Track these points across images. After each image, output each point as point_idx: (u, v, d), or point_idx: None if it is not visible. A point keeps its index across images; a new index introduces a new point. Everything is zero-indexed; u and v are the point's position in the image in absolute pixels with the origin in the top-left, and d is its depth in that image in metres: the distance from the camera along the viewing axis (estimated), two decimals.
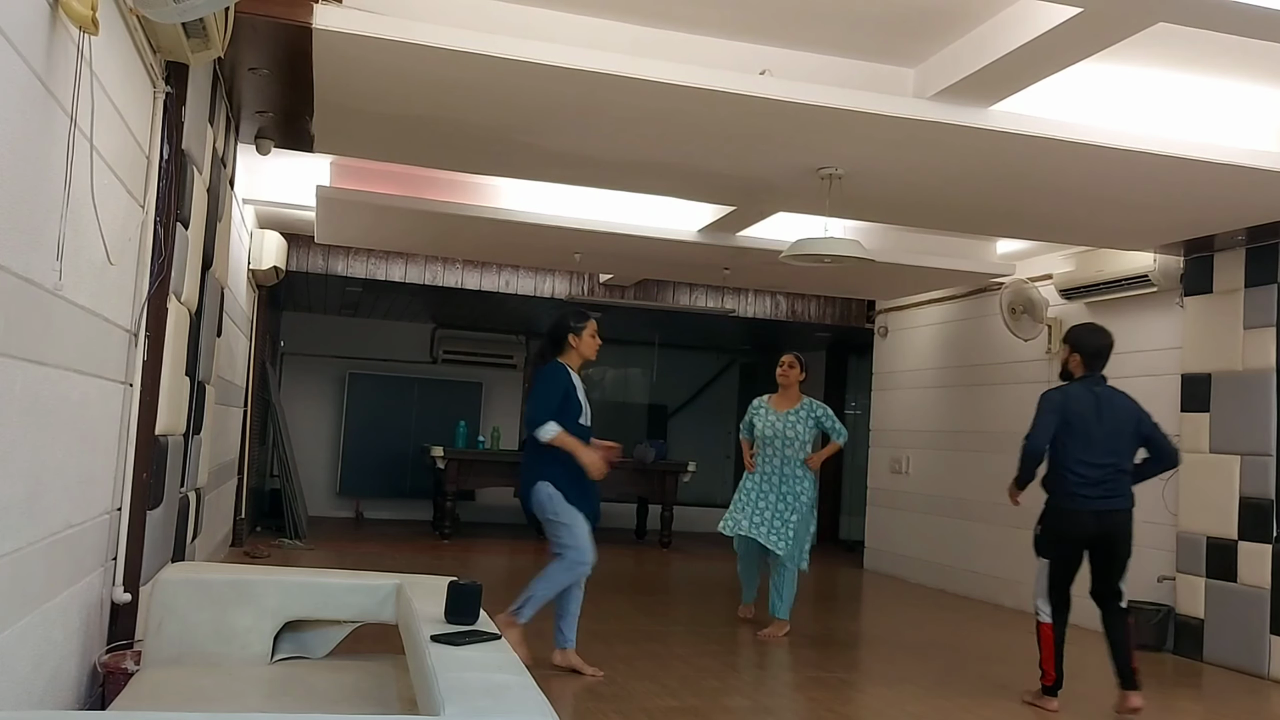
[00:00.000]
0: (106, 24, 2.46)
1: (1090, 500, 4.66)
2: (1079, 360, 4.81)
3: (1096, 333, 4.87)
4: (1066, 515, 4.72)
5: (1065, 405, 4.71)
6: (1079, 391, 4.75)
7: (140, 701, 2.57)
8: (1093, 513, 4.67)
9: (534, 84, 4.23)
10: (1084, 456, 4.65)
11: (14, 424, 2.09)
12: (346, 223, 7.33)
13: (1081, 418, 4.68)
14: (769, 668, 5.52)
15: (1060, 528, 4.76)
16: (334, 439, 12.20)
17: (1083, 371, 4.80)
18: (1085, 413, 4.69)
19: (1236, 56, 4.28)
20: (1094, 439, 4.66)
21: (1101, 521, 4.68)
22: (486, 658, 2.31)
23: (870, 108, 4.34)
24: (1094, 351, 4.80)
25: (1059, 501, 4.74)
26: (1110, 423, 4.69)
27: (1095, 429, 4.67)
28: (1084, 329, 4.93)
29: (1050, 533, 4.80)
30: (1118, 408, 4.74)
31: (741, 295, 9.96)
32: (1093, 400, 4.71)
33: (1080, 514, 4.68)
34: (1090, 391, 4.74)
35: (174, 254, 3.45)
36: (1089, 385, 4.77)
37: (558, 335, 4.98)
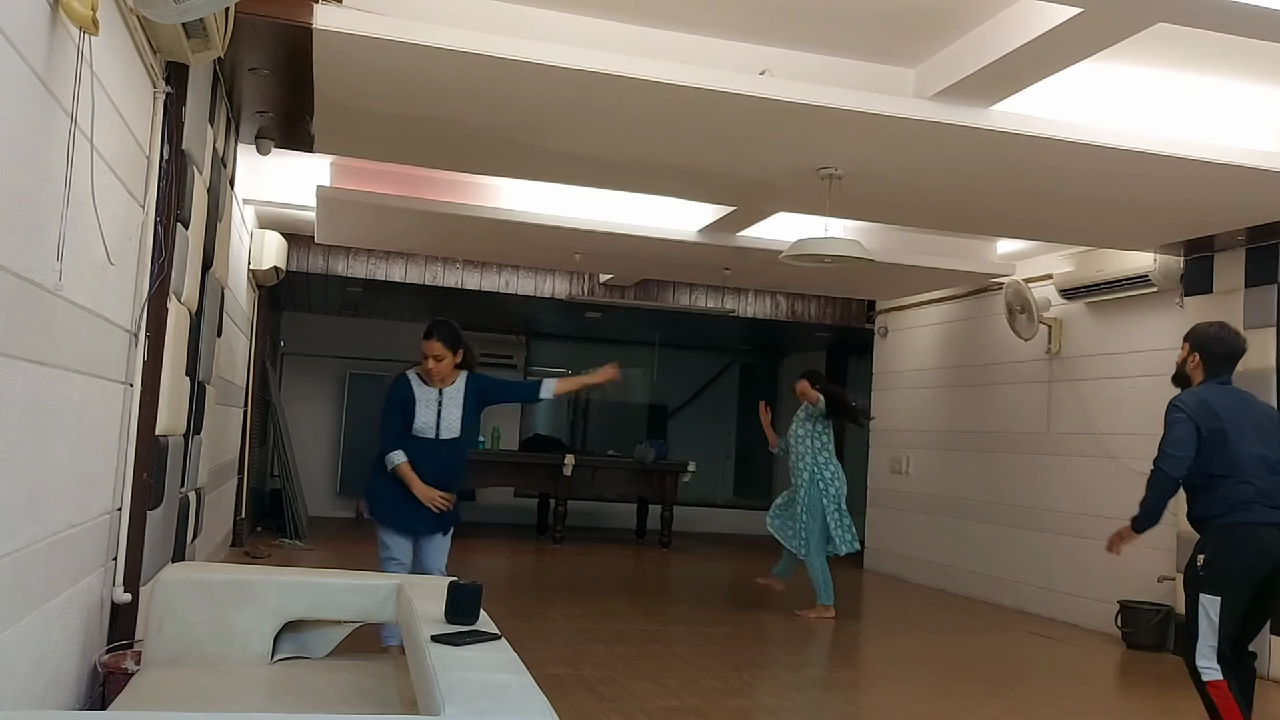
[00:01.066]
0: (106, 24, 2.46)
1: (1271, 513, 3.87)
2: (1200, 363, 4.11)
3: (1228, 333, 4.15)
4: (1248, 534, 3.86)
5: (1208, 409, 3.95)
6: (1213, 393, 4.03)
7: (140, 701, 2.57)
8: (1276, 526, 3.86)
9: (534, 84, 4.23)
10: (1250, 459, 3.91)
11: (14, 424, 2.10)
12: (346, 223, 7.33)
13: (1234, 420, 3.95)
14: (769, 667, 5.52)
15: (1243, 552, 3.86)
16: (334, 439, 12.20)
17: (1203, 376, 4.09)
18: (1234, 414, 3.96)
19: (1236, 56, 4.28)
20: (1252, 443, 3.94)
21: None
22: (487, 658, 2.31)
23: (870, 108, 4.34)
24: (1223, 355, 4.11)
25: (1229, 519, 3.90)
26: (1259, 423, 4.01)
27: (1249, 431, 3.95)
28: (1214, 328, 4.21)
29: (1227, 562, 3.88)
30: (1258, 408, 4.10)
31: (741, 295, 9.96)
32: (1234, 400, 4.02)
33: (1267, 530, 3.85)
34: (1225, 391, 4.04)
35: (174, 254, 3.45)
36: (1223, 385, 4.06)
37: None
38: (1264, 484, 3.88)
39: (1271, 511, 3.86)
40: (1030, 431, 7.92)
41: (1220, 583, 3.84)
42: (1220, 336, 4.12)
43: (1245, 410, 4.01)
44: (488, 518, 12.20)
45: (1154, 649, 6.45)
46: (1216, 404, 3.95)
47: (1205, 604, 3.85)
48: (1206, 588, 3.86)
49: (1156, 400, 6.75)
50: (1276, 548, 3.84)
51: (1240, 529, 3.86)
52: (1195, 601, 3.88)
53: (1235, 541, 3.86)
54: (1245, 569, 3.84)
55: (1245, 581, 3.84)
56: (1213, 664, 3.84)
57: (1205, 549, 3.94)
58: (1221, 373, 4.06)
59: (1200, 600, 3.86)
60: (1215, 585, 3.85)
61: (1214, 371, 4.07)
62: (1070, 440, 7.54)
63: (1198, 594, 3.88)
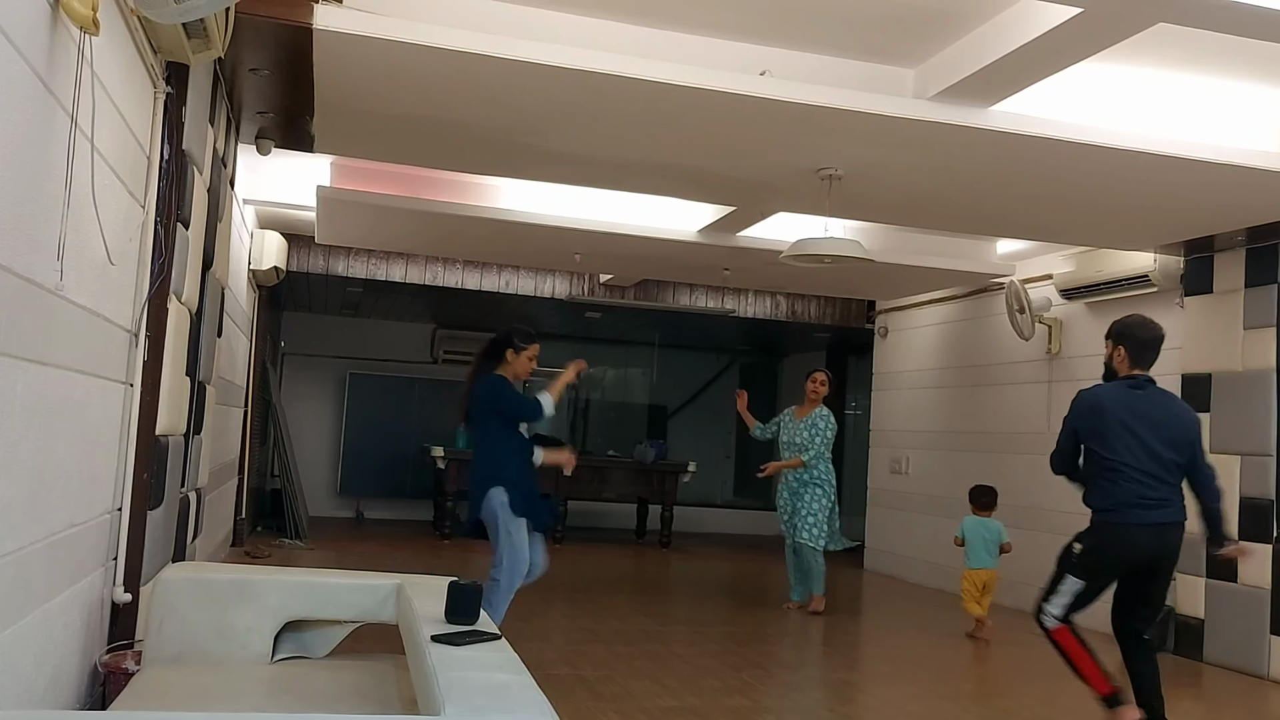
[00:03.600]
0: (107, 24, 2.46)
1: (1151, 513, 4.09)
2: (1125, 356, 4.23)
3: (1146, 325, 4.27)
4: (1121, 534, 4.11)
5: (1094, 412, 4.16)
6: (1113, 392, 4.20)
7: (141, 701, 2.57)
8: (1152, 527, 4.08)
9: (534, 84, 4.23)
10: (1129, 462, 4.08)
11: (15, 424, 2.10)
12: (347, 223, 7.34)
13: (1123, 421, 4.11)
14: (769, 668, 5.52)
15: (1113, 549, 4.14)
16: (334, 439, 12.20)
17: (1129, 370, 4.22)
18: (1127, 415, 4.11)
19: (1236, 56, 4.28)
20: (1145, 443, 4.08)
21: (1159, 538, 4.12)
22: (487, 658, 2.31)
23: (870, 108, 4.34)
24: (1146, 343, 4.22)
25: (1109, 517, 4.14)
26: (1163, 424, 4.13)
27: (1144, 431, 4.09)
28: (1133, 321, 4.32)
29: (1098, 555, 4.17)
30: (1171, 410, 4.20)
31: (741, 295, 9.96)
32: (1135, 399, 4.15)
33: (1140, 531, 4.08)
34: (1130, 390, 4.18)
35: (174, 254, 3.45)
36: (1131, 384, 4.20)
37: (499, 345, 4.99)
38: (1150, 485, 4.06)
39: (1150, 513, 4.07)
40: (1030, 431, 7.92)
41: (1088, 572, 4.15)
42: (1140, 326, 4.27)
43: (1154, 412, 4.12)
44: None
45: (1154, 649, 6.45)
46: (1112, 404, 4.12)
47: (1068, 581, 4.18)
48: (1075, 571, 4.17)
49: None
50: (1148, 547, 4.09)
51: (1117, 529, 4.10)
52: (1061, 576, 4.20)
53: (1110, 540, 4.13)
54: (1115, 565, 4.16)
55: (1112, 575, 4.17)
56: (1054, 618, 4.17)
57: (1084, 540, 4.20)
58: (1145, 361, 4.21)
59: (1066, 578, 4.19)
60: (1083, 572, 4.16)
61: (1139, 361, 4.21)
62: None
63: (1065, 572, 4.20)
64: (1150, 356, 4.23)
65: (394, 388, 12.24)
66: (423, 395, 12.37)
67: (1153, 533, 4.09)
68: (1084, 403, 4.22)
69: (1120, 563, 4.16)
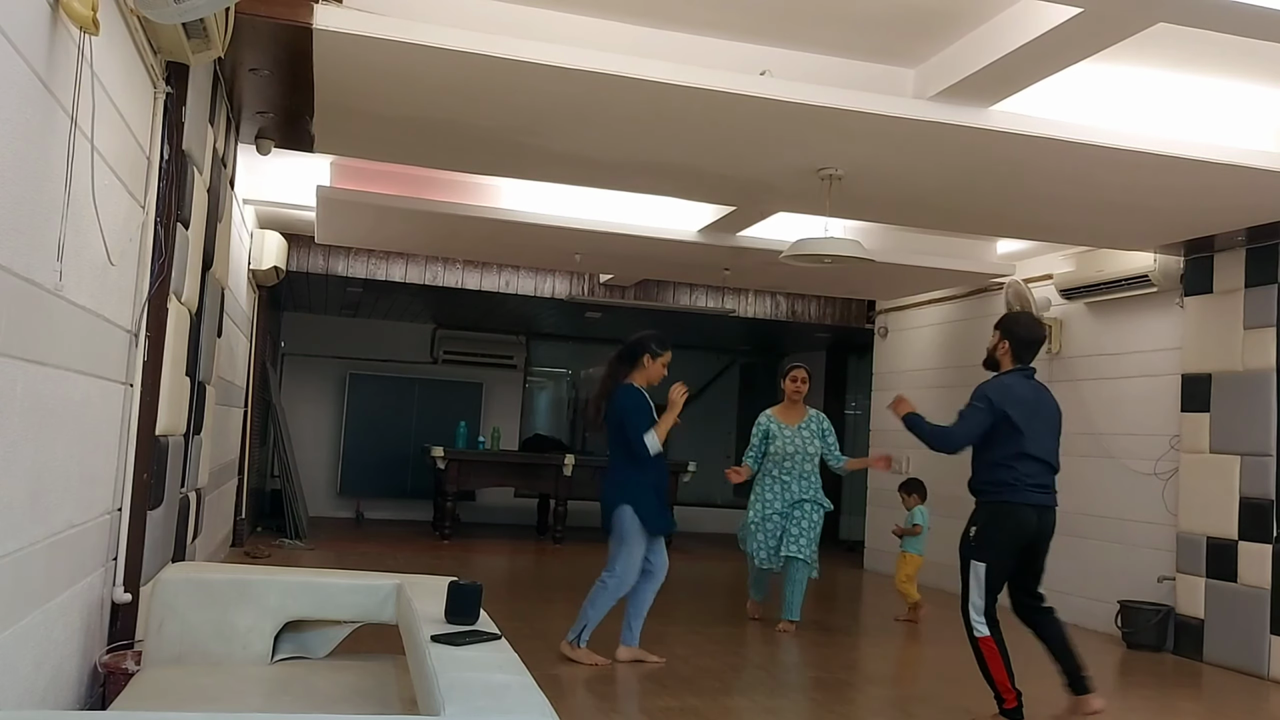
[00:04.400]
0: (107, 24, 2.46)
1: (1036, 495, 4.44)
2: (1009, 350, 4.56)
3: (1033, 321, 4.71)
4: (1014, 513, 4.42)
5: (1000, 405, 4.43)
6: (1015, 383, 4.51)
7: (141, 701, 2.57)
8: (1036, 508, 4.44)
9: (534, 84, 4.23)
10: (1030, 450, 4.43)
11: (15, 424, 2.10)
12: (347, 223, 7.33)
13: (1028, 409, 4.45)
14: (769, 668, 5.52)
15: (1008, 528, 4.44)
16: (334, 439, 12.20)
17: (1012, 364, 4.56)
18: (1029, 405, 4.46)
19: (1236, 56, 4.28)
20: (1035, 434, 4.44)
21: (1041, 519, 4.46)
22: (487, 658, 2.31)
23: (870, 108, 4.34)
24: (1029, 341, 4.57)
25: (1003, 496, 4.43)
26: (1044, 417, 4.52)
27: (1034, 423, 4.45)
28: (1021, 317, 4.74)
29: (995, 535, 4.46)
30: (1048, 403, 4.59)
31: (741, 295, 9.96)
32: (1029, 393, 4.51)
33: (1028, 510, 4.41)
34: (1027, 384, 4.53)
35: (174, 254, 3.45)
36: (1025, 377, 4.54)
37: (635, 351, 5.26)
38: (1035, 470, 4.43)
39: (1035, 494, 4.42)
40: None
41: (987, 552, 4.41)
42: (1027, 325, 4.65)
43: (1038, 403, 4.52)
44: (488, 518, 12.21)
45: (1154, 649, 6.45)
46: (1016, 393, 4.45)
47: (974, 569, 4.43)
48: (976, 555, 4.44)
49: (1156, 400, 6.80)
50: (1034, 524, 4.43)
51: (1006, 507, 4.41)
52: (967, 566, 4.46)
53: (1001, 518, 4.42)
54: (1009, 542, 4.42)
55: (1009, 551, 4.42)
56: (981, 620, 4.40)
57: (977, 522, 4.49)
58: (1027, 357, 4.56)
59: (971, 566, 4.44)
60: (983, 554, 4.42)
61: (1020, 357, 4.55)
62: (1070, 440, 7.48)
63: (969, 560, 4.45)
64: (1031, 354, 4.59)
65: (394, 388, 12.24)
66: (423, 395, 12.37)
67: (1038, 514, 4.44)
68: (1000, 390, 4.47)
69: (1012, 540, 4.42)
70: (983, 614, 4.40)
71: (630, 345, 5.30)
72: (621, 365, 5.28)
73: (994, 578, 4.41)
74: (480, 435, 11.74)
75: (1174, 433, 6.59)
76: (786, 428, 6.42)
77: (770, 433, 6.43)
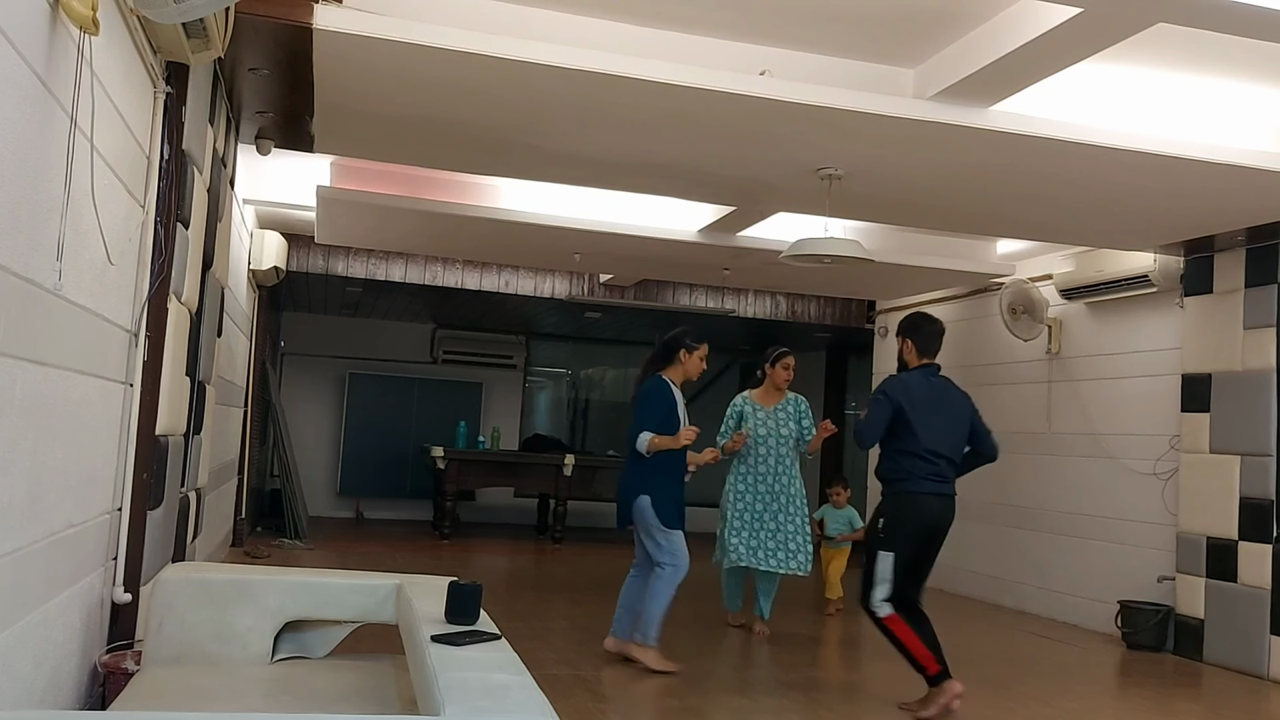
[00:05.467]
0: (107, 24, 2.46)
1: (936, 485, 4.64)
2: (912, 347, 4.81)
3: (930, 320, 4.92)
4: (916, 502, 4.62)
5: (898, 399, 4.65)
6: (915, 380, 4.73)
7: (140, 701, 2.57)
8: (937, 497, 4.64)
9: (534, 84, 4.23)
10: (930, 444, 4.63)
11: (15, 424, 2.10)
12: (347, 223, 7.33)
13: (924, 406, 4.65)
14: (769, 667, 5.52)
15: (912, 517, 4.64)
16: (334, 439, 12.20)
17: (918, 361, 4.80)
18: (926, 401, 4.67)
19: (1236, 56, 4.28)
20: (934, 428, 4.64)
21: (943, 508, 4.66)
22: (487, 658, 2.31)
23: (870, 108, 4.34)
24: (929, 335, 4.82)
25: (907, 487, 4.62)
26: (947, 412, 4.72)
27: (934, 418, 4.66)
28: (918, 317, 4.95)
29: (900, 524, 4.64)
30: (951, 398, 4.78)
31: (741, 295, 9.95)
32: (929, 388, 4.72)
33: (929, 499, 4.62)
34: (927, 380, 4.74)
35: (174, 254, 3.45)
36: (926, 374, 4.76)
37: (671, 348, 5.37)
38: (937, 463, 4.63)
39: (937, 485, 4.63)
40: (1030, 432, 7.92)
41: (895, 542, 4.61)
42: (924, 321, 4.91)
43: (941, 398, 4.73)
44: (488, 518, 12.21)
45: (1154, 649, 6.45)
46: (915, 389, 4.68)
47: (882, 559, 4.61)
48: (884, 546, 4.63)
49: (1156, 400, 6.80)
50: (937, 514, 4.65)
51: (911, 497, 4.63)
52: (874, 556, 4.65)
53: (907, 508, 4.64)
54: (915, 531, 4.63)
55: (914, 541, 4.63)
56: (884, 603, 4.58)
57: (884, 514, 4.70)
58: (930, 352, 4.80)
59: (878, 556, 4.63)
60: (891, 544, 4.62)
61: (924, 351, 4.80)
62: (1070, 440, 7.54)
63: (876, 550, 4.65)
64: (935, 346, 4.83)
65: (394, 388, 12.24)
66: (423, 395, 12.37)
67: (940, 503, 4.66)
68: (898, 386, 4.71)
69: (917, 528, 4.64)
70: (886, 599, 4.60)
71: (665, 343, 5.40)
72: (656, 364, 5.39)
73: (900, 566, 4.61)
74: (480, 435, 11.74)
75: (1174, 433, 6.59)
76: (761, 409, 6.13)
77: (744, 414, 6.14)
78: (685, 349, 5.35)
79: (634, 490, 5.15)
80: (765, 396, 6.20)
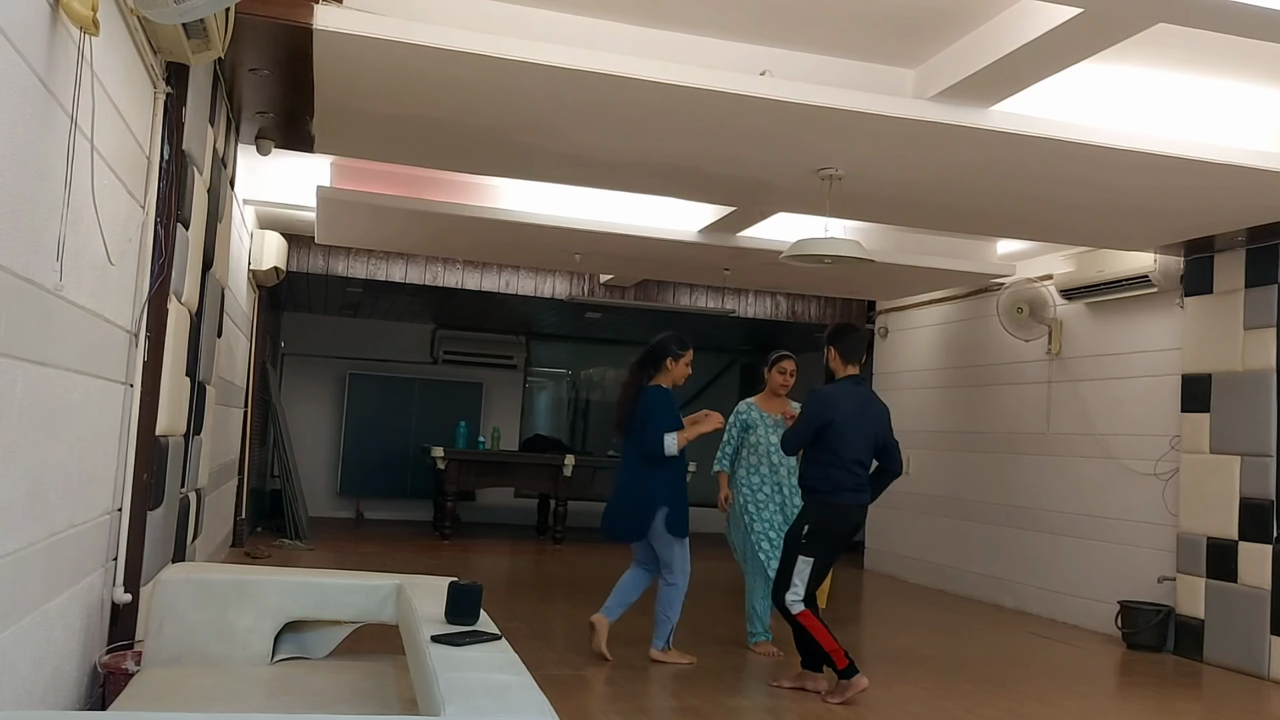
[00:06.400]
0: (107, 24, 2.46)
1: (859, 495, 4.88)
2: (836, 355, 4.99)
3: (854, 330, 5.16)
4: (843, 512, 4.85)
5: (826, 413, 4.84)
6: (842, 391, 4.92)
7: (140, 701, 2.57)
8: (859, 507, 4.89)
9: (534, 84, 4.23)
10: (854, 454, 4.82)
11: (15, 424, 2.10)
12: (347, 223, 7.33)
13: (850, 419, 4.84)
14: (770, 667, 5.51)
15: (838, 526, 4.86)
16: (334, 439, 12.20)
17: (844, 369, 4.99)
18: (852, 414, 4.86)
19: (1236, 56, 4.27)
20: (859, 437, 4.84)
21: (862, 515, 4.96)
22: (487, 658, 2.31)
23: (870, 108, 4.34)
24: (853, 344, 5.04)
25: (835, 498, 4.82)
26: (868, 421, 4.90)
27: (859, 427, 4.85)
28: (842, 327, 5.16)
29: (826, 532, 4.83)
30: (872, 407, 4.97)
31: (741, 295, 9.95)
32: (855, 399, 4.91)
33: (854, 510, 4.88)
34: (854, 390, 4.94)
35: (174, 254, 3.45)
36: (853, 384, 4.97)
37: (657, 356, 5.34)
38: (859, 473, 4.84)
39: (860, 495, 4.85)
40: (1030, 432, 7.92)
41: (817, 548, 4.79)
42: (846, 330, 5.13)
43: (863, 409, 4.91)
44: (488, 518, 12.21)
45: (1154, 649, 6.45)
46: (838, 401, 4.86)
47: (801, 563, 4.78)
48: (805, 551, 4.79)
49: (1156, 401, 6.80)
50: (858, 521, 4.93)
51: (834, 507, 4.82)
52: (793, 559, 4.82)
53: (830, 516, 4.82)
54: (836, 538, 4.83)
55: (834, 547, 4.84)
56: (798, 600, 4.75)
57: (809, 520, 4.85)
58: (854, 360, 5.00)
59: (798, 559, 4.79)
60: (812, 550, 4.79)
61: (849, 359, 4.98)
62: (1070, 441, 7.54)
63: (796, 554, 4.81)
64: (859, 353, 5.05)
65: (394, 388, 12.24)
66: (423, 395, 12.37)
67: (861, 511, 4.91)
68: (824, 400, 4.89)
69: (840, 536, 4.85)
70: (800, 598, 4.76)
71: (651, 349, 5.37)
72: (644, 370, 5.36)
73: (818, 570, 4.80)
74: (480, 435, 11.74)
75: (1174, 433, 6.59)
76: (769, 416, 5.93)
77: (750, 422, 5.95)
78: (671, 356, 5.33)
79: (651, 500, 5.19)
80: (768, 403, 6.04)
